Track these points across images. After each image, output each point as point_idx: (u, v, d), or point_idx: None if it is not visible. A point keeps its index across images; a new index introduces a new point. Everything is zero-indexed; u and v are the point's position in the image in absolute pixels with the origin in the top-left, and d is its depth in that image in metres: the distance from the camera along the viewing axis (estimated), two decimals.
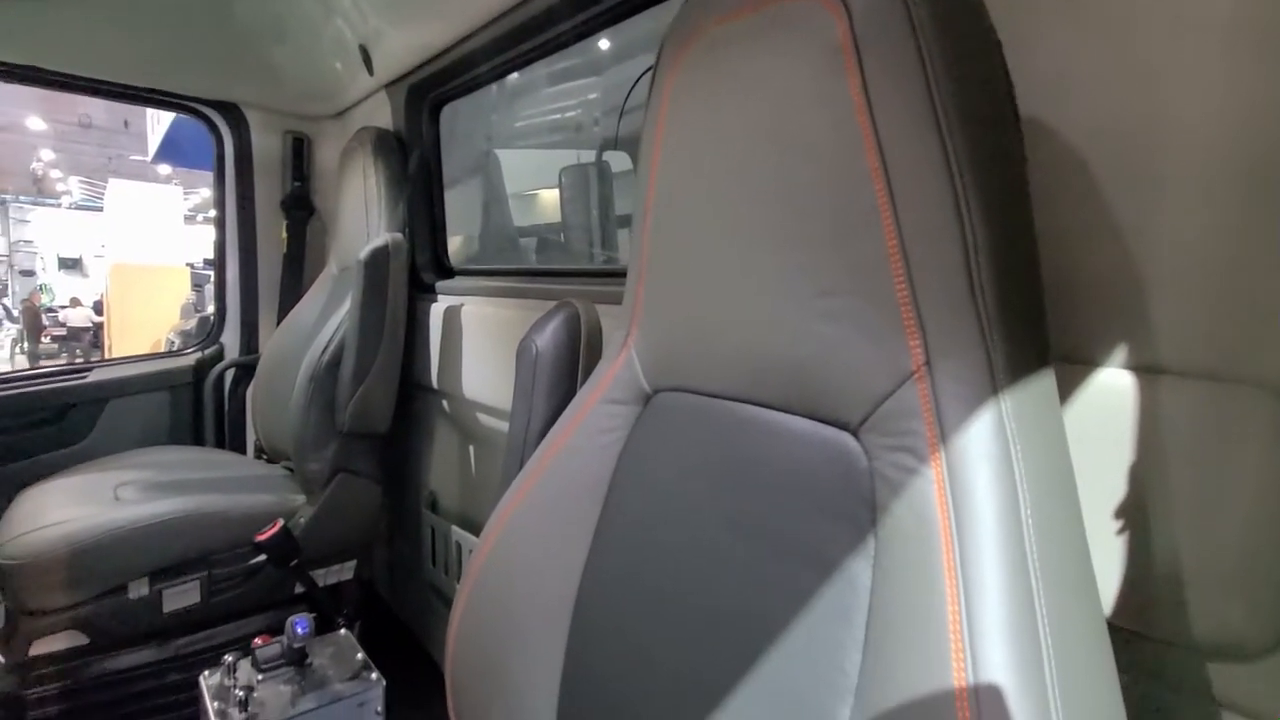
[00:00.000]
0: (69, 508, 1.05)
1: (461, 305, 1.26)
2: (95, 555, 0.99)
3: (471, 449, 1.30)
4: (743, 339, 0.49)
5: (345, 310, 1.27)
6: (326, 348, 1.23)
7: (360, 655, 0.93)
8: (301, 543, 1.17)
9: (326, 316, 1.34)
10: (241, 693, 0.80)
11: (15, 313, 10.22)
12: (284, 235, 1.64)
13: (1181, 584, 0.44)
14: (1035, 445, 0.36)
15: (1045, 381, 0.39)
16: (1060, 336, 0.47)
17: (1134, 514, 0.45)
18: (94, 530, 1.00)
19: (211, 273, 1.79)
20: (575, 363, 0.72)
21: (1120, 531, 0.46)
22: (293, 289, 1.64)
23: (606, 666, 0.54)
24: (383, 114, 1.46)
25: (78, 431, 1.39)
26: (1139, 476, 0.45)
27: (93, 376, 1.43)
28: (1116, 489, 0.46)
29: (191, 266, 9.87)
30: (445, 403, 1.33)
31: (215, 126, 1.60)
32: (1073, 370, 0.48)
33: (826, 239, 0.42)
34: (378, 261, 1.18)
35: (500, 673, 0.59)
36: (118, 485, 1.16)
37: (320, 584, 1.23)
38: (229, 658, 0.86)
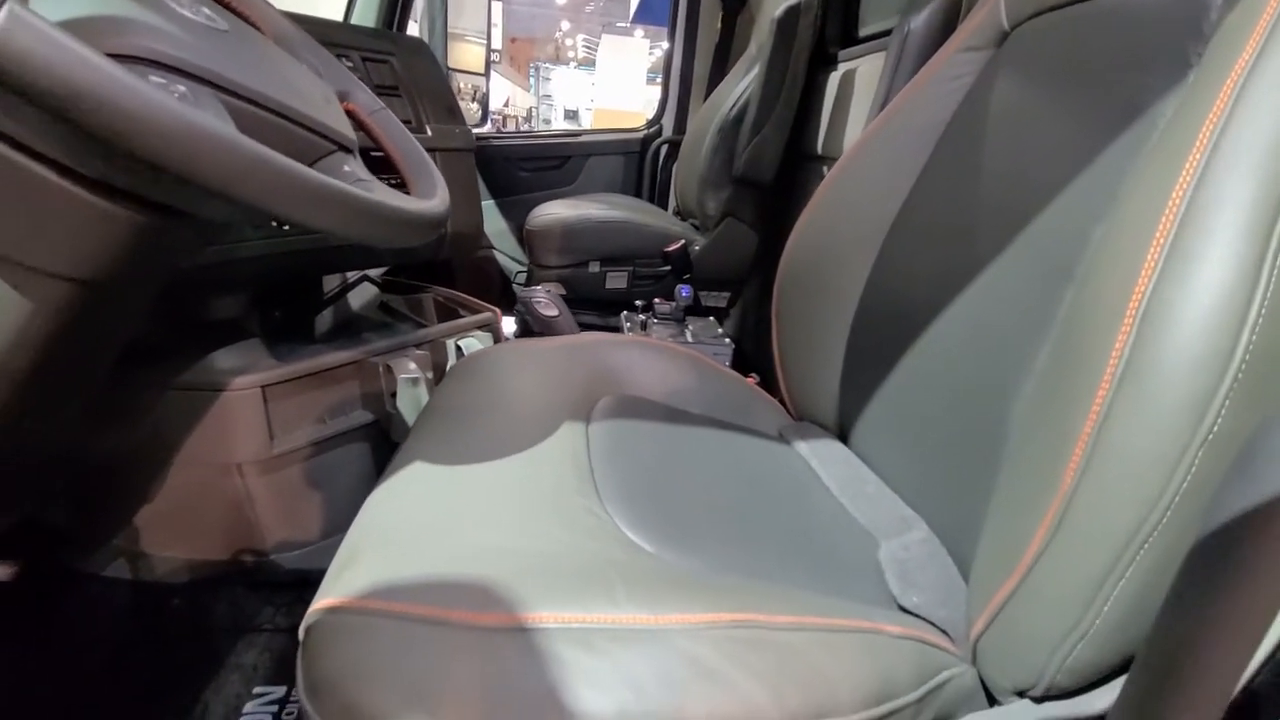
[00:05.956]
0: (562, 210, 1.56)
1: (857, 68, 1.30)
2: (571, 235, 1.48)
3: None
4: None
5: (754, 75, 1.44)
6: (735, 105, 1.44)
7: (720, 330, 1.20)
8: (694, 266, 1.50)
9: (738, 82, 1.54)
10: (643, 318, 1.15)
11: None
12: (718, 26, 1.88)
13: None
14: None
15: None
16: None
17: None
18: (572, 218, 1.48)
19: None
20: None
21: None
22: (718, 77, 1.90)
23: (903, 271, 0.63)
24: None
25: (570, 175, 1.98)
26: None
27: (581, 139, 1.99)
28: None
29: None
30: (825, 168, 1.44)
31: None
32: None
33: None
34: (789, 18, 1.29)
35: (815, 281, 0.72)
36: (589, 205, 1.64)
37: (703, 303, 1.56)
38: (639, 302, 1.23)
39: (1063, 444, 0.32)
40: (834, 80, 1.39)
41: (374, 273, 1.19)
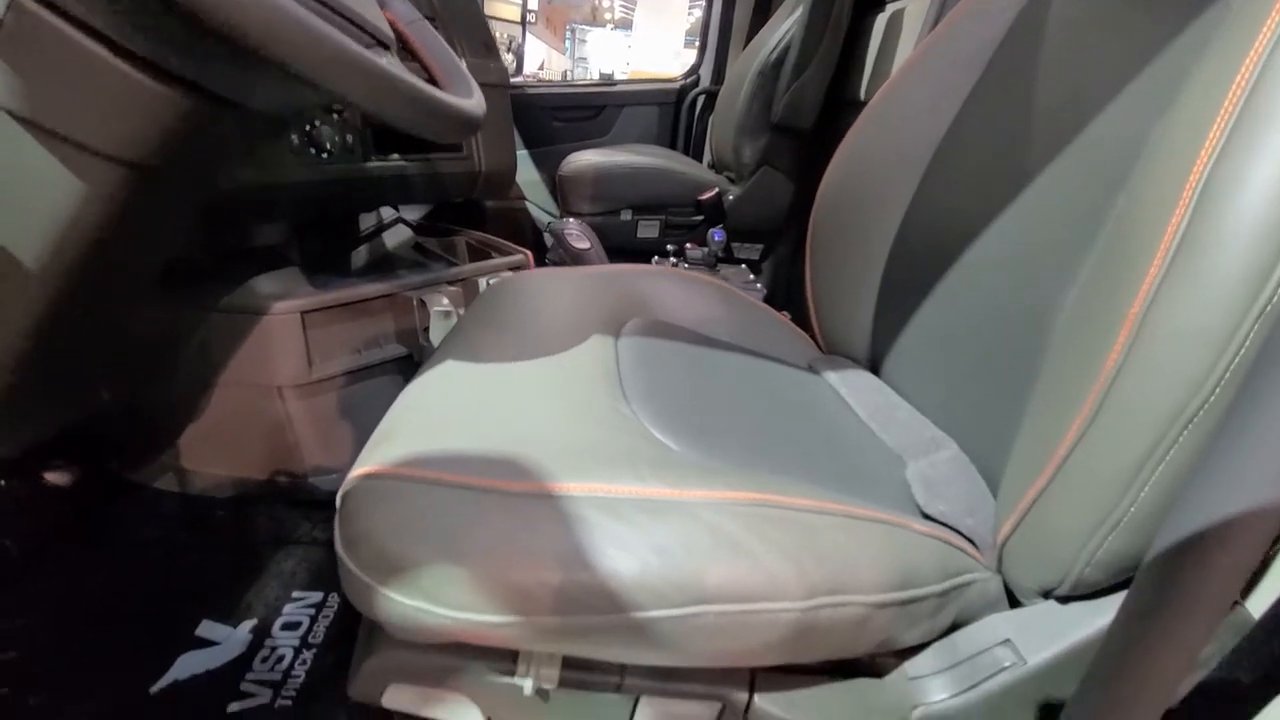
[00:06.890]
0: (595, 157, 1.55)
1: (905, 7, 1.25)
2: (602, 181, 1.47)
3: None
4: None
5: (795, 17, 1.40)
6: (776, 48, 1.40)
7: (751, 276, 1.18)
8: (728, 216, 1.47)
9: (780, 25, 1.49)
10: (674, 260, 1.15)
11: None
12: None
13: None
14: None
15: None
16: None
17: None
18: (605, 164, 1.47)
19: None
20: None
21: None
22: (758, 26, 1.84)
23: (945, 197, 0.61)
24: None
25: (604, 126, 1.96)
26: None
27: (616, 88, 1.96)
28: None
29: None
30: None
31: None
32: None
33: None
34: None
35: (852, 213, 0.71)
36: (622, 153, 1.62)
37: (735, 255, 1.54)
38: (671, 247, 1.22)
39: (1107, 331, 0.31)
40: (880, 22, 1.33)
41: (409, 216, 1.21)
